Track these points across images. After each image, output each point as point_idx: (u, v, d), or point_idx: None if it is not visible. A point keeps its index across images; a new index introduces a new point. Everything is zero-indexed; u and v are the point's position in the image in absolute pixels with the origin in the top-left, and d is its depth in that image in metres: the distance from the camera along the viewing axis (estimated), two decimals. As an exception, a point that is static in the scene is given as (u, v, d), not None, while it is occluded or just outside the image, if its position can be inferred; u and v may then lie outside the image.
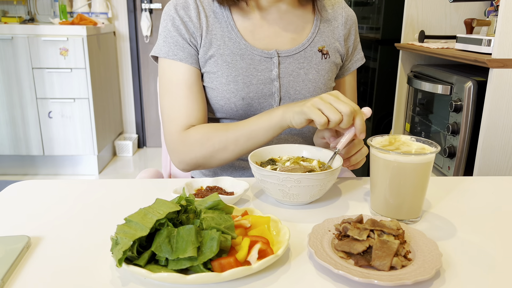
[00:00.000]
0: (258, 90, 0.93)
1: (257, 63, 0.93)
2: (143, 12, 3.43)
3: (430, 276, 0.51)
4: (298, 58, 0.96)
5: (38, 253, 0.60)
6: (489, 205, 0.77)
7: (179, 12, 0.92)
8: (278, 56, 0.94)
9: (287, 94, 0.95)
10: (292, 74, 0.95)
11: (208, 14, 0.94)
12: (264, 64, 0.94)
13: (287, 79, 0.95)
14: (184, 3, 0.93)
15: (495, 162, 1.33)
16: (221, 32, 0.93)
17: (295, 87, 0.95)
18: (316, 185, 0.71)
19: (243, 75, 0.93)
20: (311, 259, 0.59)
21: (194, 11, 0.92)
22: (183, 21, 0.92)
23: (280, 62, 0.94)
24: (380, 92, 2.20)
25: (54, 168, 3.12)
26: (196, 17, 0.92)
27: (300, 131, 1.01)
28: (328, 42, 0.99)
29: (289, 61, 0.95)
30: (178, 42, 0.92)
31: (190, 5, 0.93)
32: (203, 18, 0.93)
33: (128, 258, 0.53)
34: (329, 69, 0.99)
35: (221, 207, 0.61)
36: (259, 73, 0.93)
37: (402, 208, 0.69)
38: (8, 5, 3.23)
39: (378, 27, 2.17)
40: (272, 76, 0.94)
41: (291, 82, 0.95)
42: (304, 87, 0.95)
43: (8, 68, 2.83)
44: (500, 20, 1.21)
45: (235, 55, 0.93)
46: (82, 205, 0.75)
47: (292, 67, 0.95)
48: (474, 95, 1.36)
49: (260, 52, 0.94)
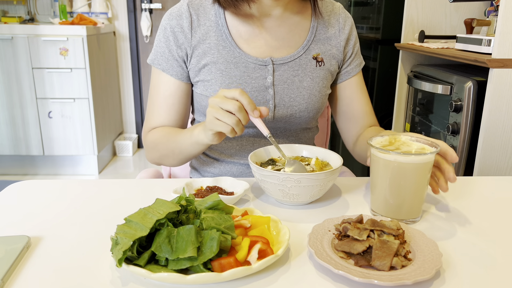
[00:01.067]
0: (252, 97, 0.94)
1: (251, 70, 0.94)
2: (143, 12, 3.43)
3: (430, 276, 0.51)
4: (293, 66, 0.96)
5: (38, 253, 0.60)
6: (489, 205, 0.77)
7: (171, 22, 0.94)
8: (272, 64, 0.94)
9: (282, 102, 0.95)
10: (287, 82, 0.95)
11: (203, 23, 0.94)
12: (259, 72, 0.94)
13: (282, 86, 0.95)
14: (177, 12, 0.94)
15: (495, 162, 1.33)
16: (215, 40, 0.94)
17: (290, 94, 0.95)
18: (316, 185, 0.71)
19: (236, 82, 0.93)
20: (311, 259, 0.59)
21: (187, 20, 0.93)
22: (173, 32, 0.94)
23: (275, 70, 0.95)
24: (380, 92, 2.20)
25: (54, 168, 3.12)
26: (188, 26, 0.93)
27: (295, 134, 1.02)
28: (324, 49, 0.98)
29: (284, 68, 0.95)
30: (163, 53, 0.96)
31: (183, 14, 0.94)
32: (196, 28, 0.94)
33: (128, 258, 0.53)
34: (323, 77, 0.98)
35: (221, 207, 0.61)
36: (253, 81, 0.94)
37: (402, 208, 0.69)
38: (8, 5, 3.23)
39: (378, 27, 2.17)
40: (267, 84, 0.94)
41: (286, 90, 0.95)
42: (298, 95, 0.96)
43: (8, 68, 2.83)
44: (500, 20, 1.21)
45: (229, 63, 0.93)
46: (82, 205, 0.75)
47: (286, 74, 0.95)
48: (474, 95, 1.36)
49: (255, 60, 0.94)
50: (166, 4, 3.46)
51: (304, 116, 0.97)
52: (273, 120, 0.96)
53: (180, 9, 0.94)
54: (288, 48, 0.96)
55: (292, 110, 0.96)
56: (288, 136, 1.01)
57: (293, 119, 0.97)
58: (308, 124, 1.03)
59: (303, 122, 0.99)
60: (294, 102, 0.96)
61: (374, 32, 2.24)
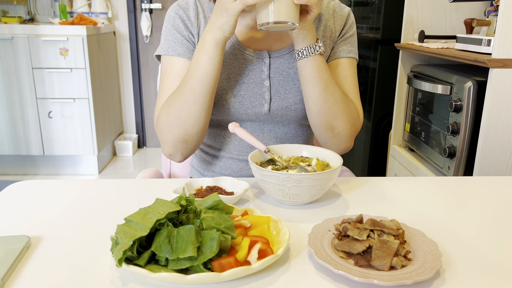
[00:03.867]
0: (249, 88, 0.97)
1: (249, 63, 0.97)
2: (143, 12, 3.43)
3: (430, 276, 0.51)
4: (288, 58, 0.98)
5: (38, 253, 0.60)
6: (489, 205, 0.77)
7: (179, 12, 0.98)
8: (269, 57, 0.97)
9: (277, 93, 0.97)
10: (282, 74, 0.98)
11: (207, 15, 0.98)
12: (256, 64, 0.97)
13: (277, 78, 0.98)
14: (184, 5, 0.98)
15: (495, 162, 1.33)
16: None
17: (285, 86, 0.98)
18: (316, 185, 0.71)
19: (235, 73, 0.97)
20: (311, 259, 0.59)
21: (193, 12, 0.97)
22: (182, 20, 0.97)
23: (271, 63, 0.98)
24: (380, 92, 2.20)
25: (54, 168, 3.12)
26: (194, 17, 0.97)
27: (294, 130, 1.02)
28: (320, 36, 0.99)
29: (280, 61, 0.98)
30: (177, 39, 0.96)
31: (190, 6, 0.98)
32: (201, 19, 0.98)
33: (128, 258, 0.53)
34: None
35: (221, 207, 0.61)
36: (251, 73, 0.97)
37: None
38: (8, 5, 3.23)
39: (378, 27, 2.17)
40: (263, 76, 0.97)
41: (281, 82, 0.98)
42: (293, 86, 0.98)
43: (8, 68, 2.83)
44: (500, 20, 1.21)
45: (229, 54, 0.97)
46: (82, 205, 0.75)
47: (282, 67, 0.98)
48: (474, 95, 1.36)
49: (252, 53, 0.97)
50: (166, 4, 3.46)
51: (300, 109, 0.98)
52: (269, 113, 0.98)
53: (188, 1, 0.98)
54: (285, 42, 0.99)
55: (287, 102, 0.98)
56: (286, 133, 1.02)
57: (288, 111, 0.98)
58: (305, 120, 1.03)
59: (299, 115, 1.00)
60: (289, 94, 0.98)
61: (374, 32, 2.24)
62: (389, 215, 0.72)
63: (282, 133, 1.02)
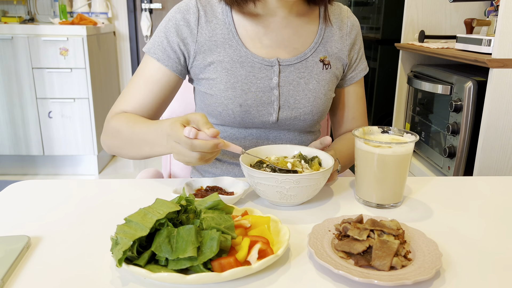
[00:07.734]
0: (256, 97, 0.93)
1: (257, 70, 0.93)
2: (143, 12, 3.43)
3: (430, 276, 0.51)
4: (299, 68, 0.95)
5: (38, 253, 0.60)
6: (489, 205, 0.77)
7: (177, 15, 0.93)
8: (279, 65, 0.93)
9: (287, 103, 0.94)
10: (292, 83, 0.94)
11: (210, 20, 0.93)
12: (264, 72, 0.93)
13: (287, 88, 0.94)
14: (185, 7, 0.93)
15: (495, 162, 1.33)
16: (222, 39, 0.93)
17: (295, 96, 0.94)
18: (312, 184, 0.71)
19: (241, 82, 0.92)
20: (311, 259, 0.59)
21: (194, 16, 0.92)
22: (177, 25, 0.92)
23: (281, 71, 0.94)
24: (380, 92, 2.20)
25: (54, 168, 3.12)
26: (194, 22, 0.92)
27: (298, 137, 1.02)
28: (331, 52, 0.98)
29: (290, 70, 0.94)
30: (161, 43, 0.93)
31: (191, 9, 0.92)
32: (203, 24, 0.92)
33: (128, 258, 0.53)
34: (329, 80, 0.98)
35: (221, 207, 0.61)
36: (259, 81, 0.93)
37: (384, 193, 0.75)
38: (8, 5, 3.23)
39: (378, 27, 2.17)
40: (272, 85, 0.93)
41: (291, 91, 0.94)
42: (304, 97, 0.95)
43: (8, 68, 2.82)
44: (500, 20, 1.21)
45: (235, 62, 0.92)
46: (82, 205, 0.75)
47: (292, 76, 0.94)
48: (474, 95, 1.36)
49: (261, 60, 0.93)
50: (166, 4, 3.46)
51: (308, 119, 0.97)
52: (277, 122, 0.96)
53: (189, 4, 0.93)
54: (294, 50, 0.96)
55: (296, 112, 0.95)
56: (291, 139, 1.01)
57: (297, 121, 0.96)
58: (311, 128, 1.02)
59: (307, 125, 0.99)
60: (299, 104, 0.95)
61: (374, 32, 2.24)
62: (389, 215, 0.72)
63: (287, 140, 1.00)
